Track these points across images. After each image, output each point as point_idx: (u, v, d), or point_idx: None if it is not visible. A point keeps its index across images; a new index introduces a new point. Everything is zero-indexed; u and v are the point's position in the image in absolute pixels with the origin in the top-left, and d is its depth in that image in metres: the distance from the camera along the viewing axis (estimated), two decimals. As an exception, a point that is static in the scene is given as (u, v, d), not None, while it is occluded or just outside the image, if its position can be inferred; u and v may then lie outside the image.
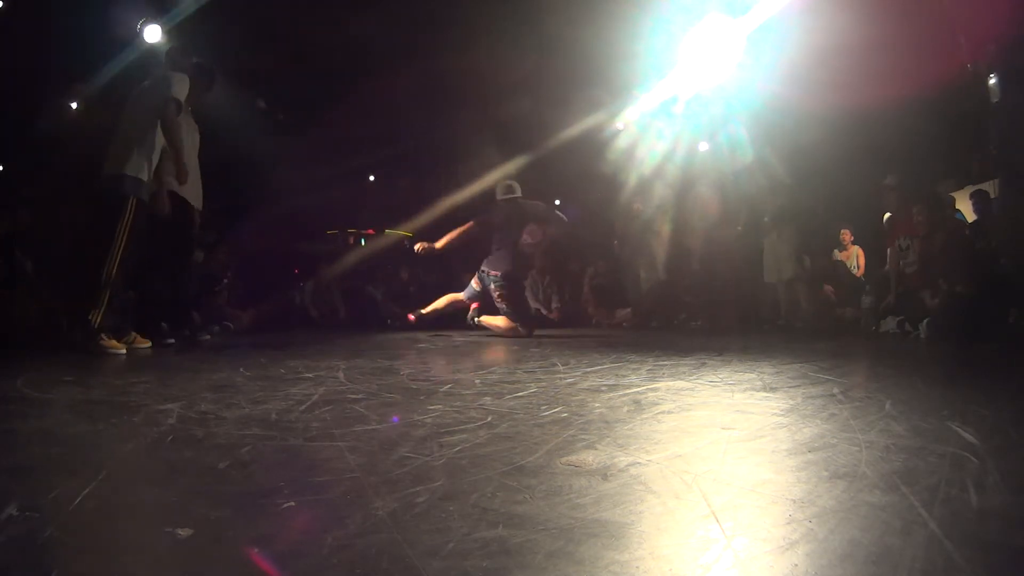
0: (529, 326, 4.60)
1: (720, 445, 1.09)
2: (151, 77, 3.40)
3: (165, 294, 4.00)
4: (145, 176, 3.14)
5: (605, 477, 0.90)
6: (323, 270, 7.28)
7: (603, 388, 1.76)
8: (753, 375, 2.04)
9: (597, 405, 1.49)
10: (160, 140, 3.19)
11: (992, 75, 3.50)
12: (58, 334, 4.24)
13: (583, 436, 1.16)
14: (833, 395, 1.61)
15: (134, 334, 3.27)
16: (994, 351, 3.20)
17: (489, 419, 1.32)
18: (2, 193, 5.12)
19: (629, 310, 6.35)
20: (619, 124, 7.15)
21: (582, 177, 8.32)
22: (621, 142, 6.98)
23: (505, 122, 7.50)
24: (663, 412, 1.40)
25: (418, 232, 8.35)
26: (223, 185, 5.20)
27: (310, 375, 2.09)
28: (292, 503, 0.81)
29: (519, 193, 4.89)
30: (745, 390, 1.72)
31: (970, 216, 5.31)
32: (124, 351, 3.00)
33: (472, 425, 1.26)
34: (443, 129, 7.88)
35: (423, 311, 4.98)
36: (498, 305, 4.58)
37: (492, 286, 4.57)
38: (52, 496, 0.82)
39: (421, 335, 4.54)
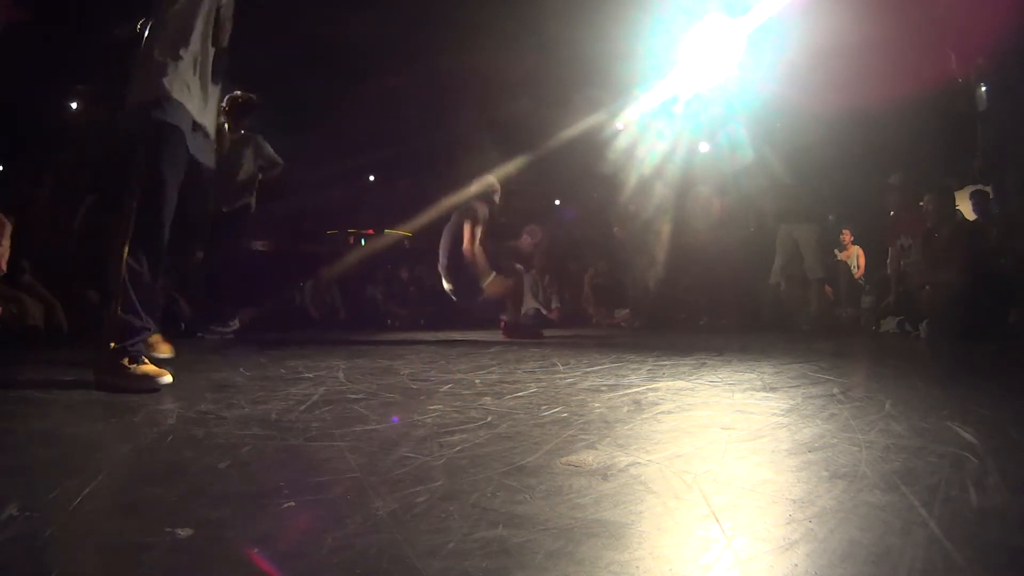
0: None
1: (720, 445, 1.09)
2: None
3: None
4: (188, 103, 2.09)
5: (605, 477, 0.90)
6: (323, 270, 7.28)
7: (603, 388, 1.76)
8: (753, 375, 2.04)
9: (597, 405, 1.49)
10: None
11: (981, 85, 3.52)
12: (59, 334, 4.25)
13: (583, 436, 1.16)
14: (833, 395, 1.61)
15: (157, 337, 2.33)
16: (994, 351, 3.20)
17: (489, 419, 1.32)
18: (2, 193, 5.12)
19: (628, 310, 6.36)
20: (619, 124, 7.15)
21: (582, 177, 8.31)
22: (621, 142, 6.99)
23: (505, 122, 7.50)
24: (663, 412, 1.40)
25: (418, 232, 8.36)
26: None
27: (310, 375, 2.09)
28: (292, 503, 0.81)
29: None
30: (745, 390, 1.72)
31: (970, 216, 5.32)
32: (168, 378, 1.82)
33: (472, 425, 1.26)
34: (443, 129, 7.89)
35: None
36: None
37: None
38: (52, 496, 0.82)
39: (421, 335, 4.54)
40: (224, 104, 4.37)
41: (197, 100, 2.17)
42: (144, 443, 1.15)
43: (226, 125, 4.33)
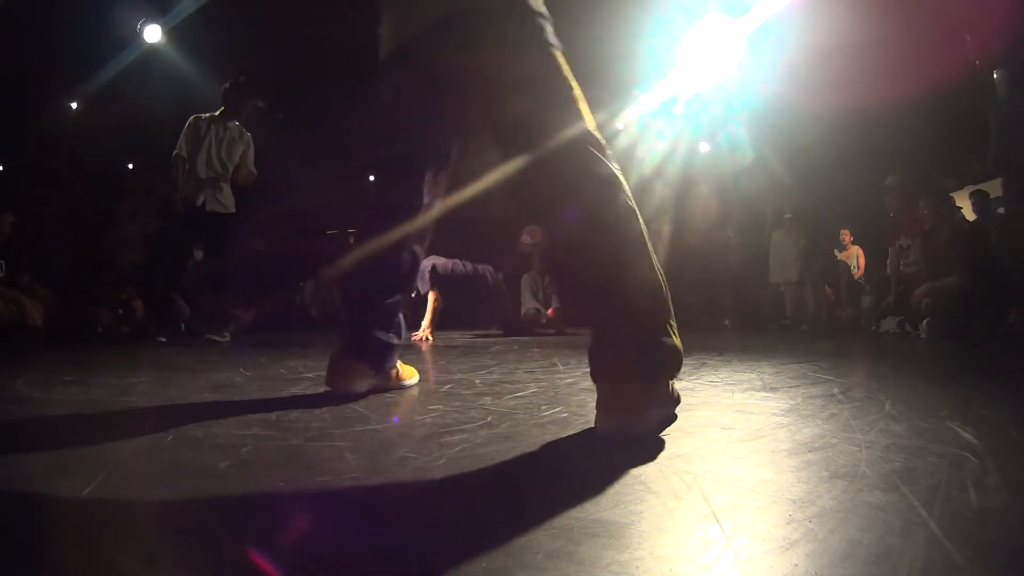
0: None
1: (720, 445, 1.09)
2: None
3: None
4: None
5: (605, 477, 0.90)
6: (323, 270, 7.27)
7: (603, 388, 1.75)
8: (753, 375, 2.04)
9: (597, 405, 1.49)
10: None
11: (997, 71, 3.52)
12: (59, 333, 4.25)
13: (583, 436, 1.16)
14: (833, 395, 1.61)
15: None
16: (994, 351, 3.20)
17: (489, 419, 1.32)
18: (2, 193, 5.12)
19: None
20: (619, 124, 7.15)
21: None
22: (621, 142, 6.99)
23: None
24: (663, 412, 1.40)
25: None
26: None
27: (310, 375, 2.09)
28: (292, 503, 0.81)
29: None
30: (745, 390, 1.72)
31: (970, 216, 5.32)
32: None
33: (472, 425, 1.26)
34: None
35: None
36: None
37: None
38: (52, 496, 0.82)
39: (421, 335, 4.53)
40: (227, 86, 4.36)
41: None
42: (144, 443, 1.15)
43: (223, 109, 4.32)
